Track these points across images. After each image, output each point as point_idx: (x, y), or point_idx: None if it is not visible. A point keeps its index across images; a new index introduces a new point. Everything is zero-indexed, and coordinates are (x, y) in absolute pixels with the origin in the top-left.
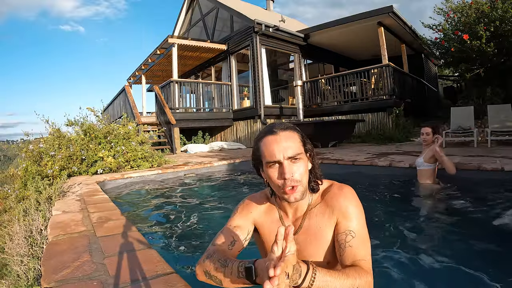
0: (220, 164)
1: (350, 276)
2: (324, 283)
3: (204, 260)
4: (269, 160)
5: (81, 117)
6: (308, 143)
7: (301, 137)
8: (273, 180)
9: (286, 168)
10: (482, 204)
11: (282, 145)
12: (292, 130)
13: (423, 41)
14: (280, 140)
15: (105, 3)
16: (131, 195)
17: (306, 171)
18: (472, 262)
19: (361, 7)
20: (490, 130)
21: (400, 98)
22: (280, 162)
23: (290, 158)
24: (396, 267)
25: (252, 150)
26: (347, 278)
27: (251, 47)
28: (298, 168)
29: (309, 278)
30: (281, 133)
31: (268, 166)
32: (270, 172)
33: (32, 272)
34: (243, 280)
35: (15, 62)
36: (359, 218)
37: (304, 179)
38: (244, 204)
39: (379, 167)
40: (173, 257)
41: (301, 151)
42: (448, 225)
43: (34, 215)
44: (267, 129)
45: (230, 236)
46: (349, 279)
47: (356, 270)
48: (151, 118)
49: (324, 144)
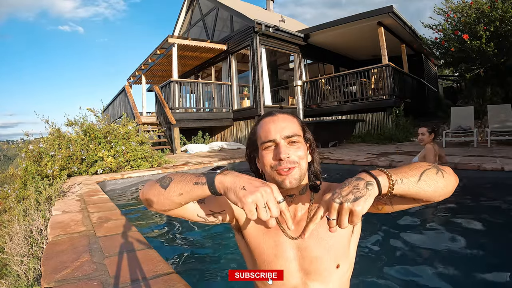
0: (220, 164)
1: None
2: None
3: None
4: (264, 139)
5: (81, 117)
6: (308, 133)
7: (301, 124)
8: (267, 162)
9: (282, 148)
10: (482, 204)
11: (280, 124)
12: (291, 115)
13: (423, 41)
14: (277, 120)
15: (104, 4)
16: (131, 195)
17: (305, 155)
18: (470, 262)
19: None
20: (490, 130)
21: (400, 98)
22: (276, 142)
23: (288, 138)
24: (395, 266)
25: (248, 137)
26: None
27: (251, 47)
28: (296, 151)
29: (385, 182)
30: (279, 115)
31: (263, 148)
32: (265, 154)
33: (32, 272)
34: (198, 179)
35: (15, 62)
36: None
37: (302, 163)
38: None
39: (379, 167)
40: (173, 257)
41: (300, 133)
42: (446, 225)
43: (34, 215)
44: (266, 113)
45: (195, 211)
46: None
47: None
48: (151, 118)
49: (324, 144)
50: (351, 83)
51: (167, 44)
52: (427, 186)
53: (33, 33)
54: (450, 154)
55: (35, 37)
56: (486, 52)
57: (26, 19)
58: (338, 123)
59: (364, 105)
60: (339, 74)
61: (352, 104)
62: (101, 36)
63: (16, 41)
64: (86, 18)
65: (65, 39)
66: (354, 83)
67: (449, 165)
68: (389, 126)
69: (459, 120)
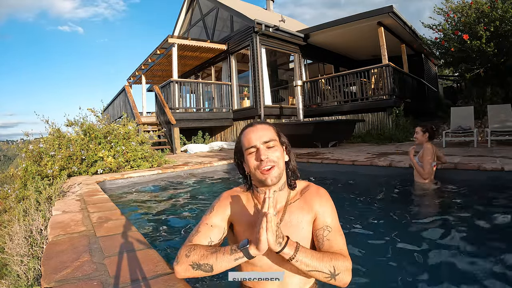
0: (220, 164)
1: (328, 254)
2: (305, 254)
3: (187, 255)
4: (247, 146)
5: (81, 117)
6: (283, 137)
7: (277, 131)
8: (252, 165)
9: (262, 151)
10: (481, 203)
11: (258, 133)
12: (267, 124)
13: (423, 41)
14: (256, 130)
15: (104, 4)
16: (131, 195)
17: (281, 156)
18: (469, 261)
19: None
20: (490, 130)
21: (400, 98)
22: (257, 147)
23: (266, 143)
24: (394, 265)
25: (235, 145)
26: (325, 255)
27: (251, 47)
28: (273, 152)
29: (292, 246)
30: (258, 125)
31: (248, 154)
32: (249, 158)
33: (32, 272)
34: (236, 255)
35: (15, 63)
36: (333, 216)
37: (280, 162)
38: (220, 202)
39: (379, 167)
40: (173, 257)
41: (276, 139)
42: (444, 225)
43: (34, 215)
44: (247, 125)
45: (207, 236)
46: (326, 256)
47: (334, 253)
48: (151, 118)
49: (324, 144)
50: (351, 83)
51: (167, 44)
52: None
53: (33, 33)
54: (450, 154)
55: (35, 37)
56: (486, 52)
57: (26, 19)
58: (338, 123)
59: (364, 105)
60: (339, 74)
61: (352, 104)
62: (101, 37)
63: (16, 41)
64: (85, 18)
65: (65, 39)
66: (354, 83)
67: (448, 165)
68: (389, 126)
69: (459, 120)
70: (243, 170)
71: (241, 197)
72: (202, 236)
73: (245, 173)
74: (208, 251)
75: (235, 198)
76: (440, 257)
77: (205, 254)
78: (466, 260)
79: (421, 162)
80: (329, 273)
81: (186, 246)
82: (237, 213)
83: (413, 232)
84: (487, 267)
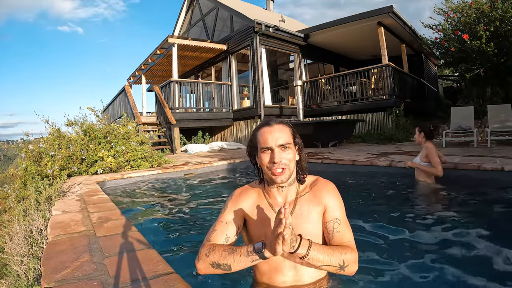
0: (220, 164)
1: (338, 249)
2: (317, 251)
3: (207, 255)
4: (263, 146)
5: (81, 117)
6: (297, 138)
7: (292, 131)
8: (265, 163)
9: (276, 154)
10: (481, 203)
11: (275, 135)
12: (285, 124)
13: (423, 41)
14: (273, 131)
15: (103, 5)
16: (131, 195)
17: (293, 158)
18: (469, 260)
19: (360, 8)
20: (490, 130)
21: (400, 98)
22: (272, 148)
23: (281, 146)
24: (394, 265)
25: (250, 138)
26: (335, 250)
27: (251, 47)
28: (287, 155)
29: (305, 246)
30: (275, 125)
31: (262, 152)
32: (263, 156)
33: (32, 272)
34: (252, 257)
35: (15, 63)
36: (341, 209)
37: (291, 165)
38: (233, 199)
39: (379, 167)
40: (173, 257)
41: (291, 141)
42: (444, 224)
43: (34, 215)
44: (265, 122)
45: (224, 233)
46: (336, 251)
47: (343, 247)
48: (151, 118)
49: (324, 144)
50: (351, 83)
51: (167, 44)
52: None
53: (33, 33)
54: (450, 154)
55: (34, 37)
56: (486, 52)
57: (26, 19)
58: (338, 123)
59: (364, 105)
60: (339, 74)
61: (352, 104)
62: (101, 37)
63: (16, 41)
64: (85, 18)
65: (65, 39)
66: (354, 83)
67: (448, 165)
68: (389, 126)
69: (459, 120)
70: (255, 161)
71: (252, 194)
72: (219, 234)
73: (257, 166)
74: (226, 251)
75: (247, 195)
76: (440, 257)
77: (223, 254)
78: (466, 259)
79: (423, 162)
80: (339, 266)
81: (206, 245)
82: (249, 209)
83: (413, 231)
84: (488, 266)
